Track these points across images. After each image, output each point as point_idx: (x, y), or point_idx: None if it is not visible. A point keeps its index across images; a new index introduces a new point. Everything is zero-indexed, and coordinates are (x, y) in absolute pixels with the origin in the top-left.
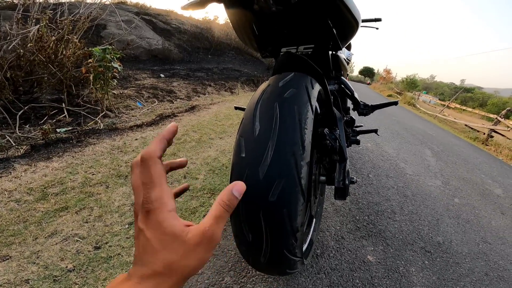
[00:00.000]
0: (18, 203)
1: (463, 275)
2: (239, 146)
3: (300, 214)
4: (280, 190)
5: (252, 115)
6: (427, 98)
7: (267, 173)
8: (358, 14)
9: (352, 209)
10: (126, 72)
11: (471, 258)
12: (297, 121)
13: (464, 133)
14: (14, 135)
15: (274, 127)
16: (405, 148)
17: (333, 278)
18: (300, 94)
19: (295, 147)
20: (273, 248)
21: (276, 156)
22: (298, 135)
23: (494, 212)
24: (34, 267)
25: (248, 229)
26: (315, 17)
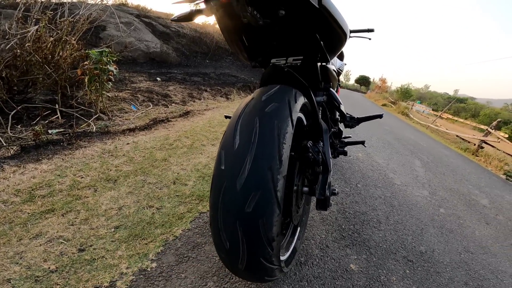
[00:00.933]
0: (5, 204)
1: (443, 285)
2: (220, 159)
3: (275, 225)
4: (256, 201)
5: (233, 128)
6: (420, 108)
7: (244, 185)
8: (346, 26)
9: (338, 218)
10: (122, 74)
11: (452, 267)
12: (276, 136)
13: (455, 143)
14: (5, 135)
15: (253, 141)
16: (395, 158)
17: (315, 286)
18: (281, 108)
19: (272, 162)
20: (250, 256)
21: (253, 170)
22: (276, 149)
23: (479, 222)
24: (16, 267)
25: (225, 237)
26: (302, 30)
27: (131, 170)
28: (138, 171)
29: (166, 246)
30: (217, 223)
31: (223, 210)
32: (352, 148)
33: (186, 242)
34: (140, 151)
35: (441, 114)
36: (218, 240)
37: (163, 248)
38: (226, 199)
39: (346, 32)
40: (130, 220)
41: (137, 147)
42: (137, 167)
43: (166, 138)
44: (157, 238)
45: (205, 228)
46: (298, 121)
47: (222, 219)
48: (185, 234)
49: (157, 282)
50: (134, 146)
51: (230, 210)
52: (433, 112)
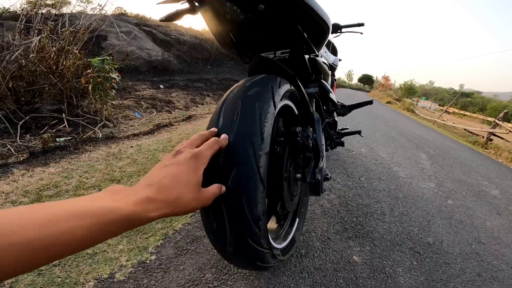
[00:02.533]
0: (14, 204)
1: (454, 276)
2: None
3: (260, 202)
4: (238, 176)
5: (218, 111)
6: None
7: (226, 160)
8: (326, 16)
9: (340, 211)
10: (126, 83)
11: (463, 258)
12: (257, 115)
13: (464, 137)
14: (15, 144)
15: (235, 120)
16: (400, 152)
17: (316, 277)
18: (263, 92)
19: (253, 138)
20: (236, 236)
21: (235, 145)
22: (257, 127)
23: (490, 213)
24: None
25: (212, 216)
26: (284, 23)
27: (135, 170)
28: (141, 171)
29: (166, 239)
30: None
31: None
32: (355, 143)
33: (185, 235)
34: (143, 153)
35: (446, 108)
36: (205, 221)
37: (162, 242)
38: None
39: (328, 23)
40: None
41: (140, 150)
42: (140, 168)
43: (169, 140)
44: (157, 233)
45: None
46: (289, 109)
47: None
48: (185, 228)
49: (156, 274)
50: (137, 149)
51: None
52: (440, 107)
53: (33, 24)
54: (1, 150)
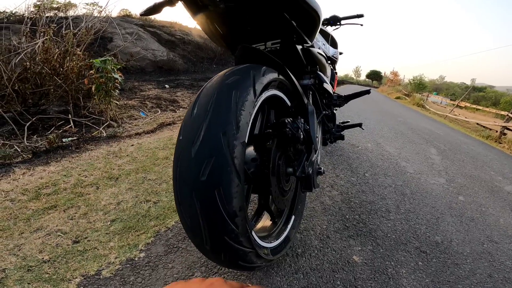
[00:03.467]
0: (12, 202)
1: (462, 277)
2: (180, 131)
3: (236, 197)
4: (210, 169)
5: (194, 101)
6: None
7: (197, 152)
8: (316, 4)
9: (342, 208)
10: (132, 83)
11: (473, 258)
12: (233, 104)
13: (476, 132)
14: (22, 145)
15: (209, 109)
16: (408, 147)
17: (311, 278)
18: (242, 80)
19: (227, 127)
20: (212, 234)
21: (207, 135)
22: (232, 116)
23: (503, 210)
24: (13, 258)
25: (185, 212)
26: (269, 11)
27: (133, 168)
28: (139, 169)
29: (157, 237)
30: (177, 196)
31: (180, 180)
32: (361, 139)
33: (177, 233)
34: (143, 151)
35: (458, 102)
36: (180, 216)
37: (153, 239)
38: (182, 168)
39: (317, 10)
40: (127, 213)
41: (140, 148)
42: (139, 166)
43: (170, 138)
44: (149, 230)
45: None
46: (279, 100)
47: (179, 190)
48: (178, 225)
49: (143, 271)
50: (138, 147)
51: (185, 180)
52: (452, 102)
53: (38, 27)
54: (8, 151)
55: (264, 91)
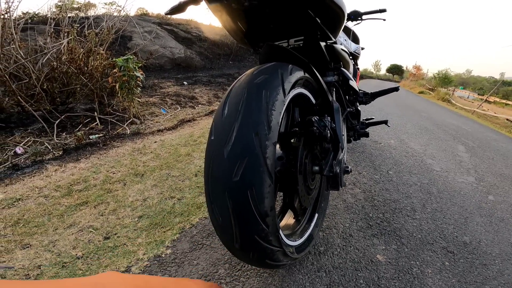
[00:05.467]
0: (46, 198)
1: (490, 278)
2: (211, 130)
3: (267, 197)
4: (243, 169)
5: (223, 101)
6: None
7: (230, 152)
8: (341, 1)
9: (365, 206)
10: (151, 81)
11: (502, 259)
12: (264, 103)
13: (506, 128)
14: (52, 142)
15: (240, 109)
16: (434, 144)
17: (334, 277)
18: (271, 79)
19: (259, 127)
20: (242, 233)
21: (239, 136)
22: (263, 115)
23: None
24: (48, 255)
25: (217, 211)
26: (294, 8)
27: (157, 165)
28: (163, 165)
29: (182, 233)
30: (209, 195)
31: (212, 180)
32: (384, 135)
33: (201, 230)
34: (166, 148)
35: (487, 97)
36: (211, 215)
37: (179, 236)
38: (214, 168)
39: (342, 7)
40: (153, 210)
41: (163, 145)
42: (162, 162)
43: (191, 135)
44: (175, 226)
45: None
46: (304, 98)
47: (211, 190)
48: (202, 222)
49: (170, 268)
50: (161, 143)
51: (218, 180)
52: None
53: (62, 27)
54: (39, 148)
55: (291, 90)
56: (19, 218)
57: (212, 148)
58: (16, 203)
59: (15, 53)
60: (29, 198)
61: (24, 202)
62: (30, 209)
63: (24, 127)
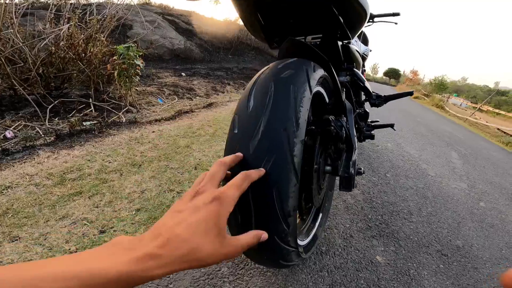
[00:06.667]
0: (37, 187)
1: (481, 281)
2: (233, 123)
3: (292, 196)
4: (270, 166)
5: (248, 93)
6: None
7: (257, 147)
8: (366, 2)
9: (364, 208)
10: (149, 70)
11: (492, 263)
12: (292, 99)
13: (496, 137)
14: (43, 127)
15: (267, 103)
16: (429, 149)
17: (336, 277)
18: (298, 74)
19: (288, 123)
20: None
21: (267, 131)
22: (292, 111)
23: None
24: (39, 248)
25: (238, 209)
26: (319, 5)
27: (155, 155)
28: (161, 156)
29: None
30: None
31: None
32: (381, 138)
33: None
34: (164, 138)
35: (480, 106)
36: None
37: None
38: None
39: (366, 9)
40: (151, 203)
41: (161, 135)
42: (161, 153)
43: (190, 126)
44: None
45: None
46: (320, 96)
47: None
48: None
49: None
50: (159, 134)
51: None
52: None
53: (63, 13)
54: (30, 132)
55: (315, 88)
56: (8, 208)
57: (236, 142)
58: (4, 191)
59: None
60: (18, 186)
61: (13, 190)
62: (19, 198)
63: (15, 110)
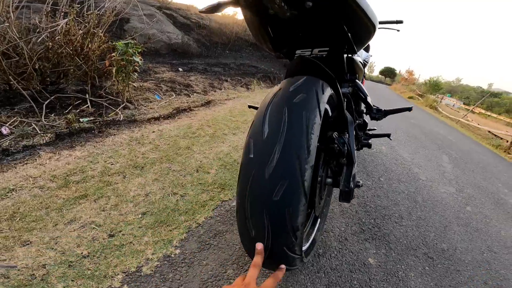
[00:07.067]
0: (42, 189)
1: (462, 283)
2: (248, 147)
3: (301, 214)
4: (283, 190)
5: (262, 117)
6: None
7: (272, 173)
8: (375, 17)
9: (359, 212)
10: (146, 65)
11: (473, 266)
12: (304, 126)
13: (487, 139)
14: (40, 123)
15: (282, 130)
16: (421, 152)
17: (332, 277)
18: (309, 99)
19: (300, 151)
20: (274, 245)
21: (282, 158)
22: (304, 139)
23: (506, 222)
24: (52, 253)
25: (252, 225)
26: (329, 21)
27: (157, 157)
28: (163, 158)
29: (189, 233)
30: (244, 211)
31: (251, 198)
32: (376, 140)
33: (208, 229)
34: (165, 139)
35: (473, 108)
36: (243, 229)
37: (186, 235)
38: (254, 187)
39: (375, 24)
40: (156, 206)
41: (162, 135)
42: (162, 155)
43: (189, 126)
44: (181, 225)
45: (227, 216)
46: (325, 113)
47: (249, 207)
48: (208, 221)
49: (180, 268)
50: (159, 134)
51: (257, 198)
52: (465, 106)
53: (60, 7)
54: (26, 129)
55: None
56: (15, 212)
57: (251, 167)
58: (9, 194)
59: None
60: (23, 188)
61: (18, 193)
62: (25, 202)
63: (11, 106)
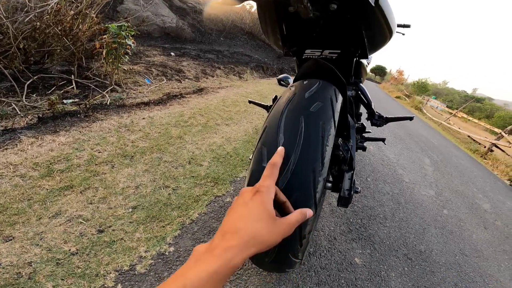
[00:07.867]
0: (23, 178)
1: (435, 284)
2: (261, 155)
3: (309, 224)
4: (296, 202)
5: (276, 125)
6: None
7: (287, 185)
8: (394, 23)
9: (347, 212)
10: (137, 48)
11: (446, 268)
12: (320, 138)
13: (465, 144)
14: (20, 104)
15: (298, 141)
16: (406, 154)
17: (321, 276)
18: (326, 108)
19: (315, 164)
20: (280, 251)
21: (297, 171)
22: (319, 151)
23: (478, 226)
24: (37, 249)
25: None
26: (349, 25)
27: (147, 146)
28: (154, 147)
29: (183, 229)
30: None
31: None
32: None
33: (202, 226)
34: (155, 127)
35: (456, 112)
36: None
37: (180, 232)
38: None
39: (393, 29)
40: (147, 200)
41: (152, 123)
42: (153, 144)
43: (181, 115)
44: (174, 221)
45: (221, 213)
46: None
47: None
48: (201, 218)
49: (175, 267)
50: (149, 121)
51: None
52: (447, 109)
53: None
54: (5, 109)
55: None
56: None
57: None
58: None
59: None
60: (3, 177)
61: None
62: (5, 192)
63: None
